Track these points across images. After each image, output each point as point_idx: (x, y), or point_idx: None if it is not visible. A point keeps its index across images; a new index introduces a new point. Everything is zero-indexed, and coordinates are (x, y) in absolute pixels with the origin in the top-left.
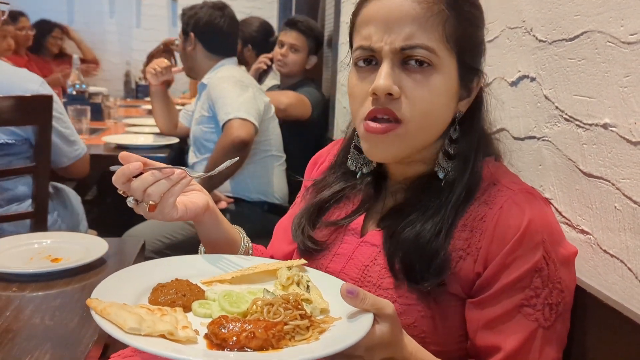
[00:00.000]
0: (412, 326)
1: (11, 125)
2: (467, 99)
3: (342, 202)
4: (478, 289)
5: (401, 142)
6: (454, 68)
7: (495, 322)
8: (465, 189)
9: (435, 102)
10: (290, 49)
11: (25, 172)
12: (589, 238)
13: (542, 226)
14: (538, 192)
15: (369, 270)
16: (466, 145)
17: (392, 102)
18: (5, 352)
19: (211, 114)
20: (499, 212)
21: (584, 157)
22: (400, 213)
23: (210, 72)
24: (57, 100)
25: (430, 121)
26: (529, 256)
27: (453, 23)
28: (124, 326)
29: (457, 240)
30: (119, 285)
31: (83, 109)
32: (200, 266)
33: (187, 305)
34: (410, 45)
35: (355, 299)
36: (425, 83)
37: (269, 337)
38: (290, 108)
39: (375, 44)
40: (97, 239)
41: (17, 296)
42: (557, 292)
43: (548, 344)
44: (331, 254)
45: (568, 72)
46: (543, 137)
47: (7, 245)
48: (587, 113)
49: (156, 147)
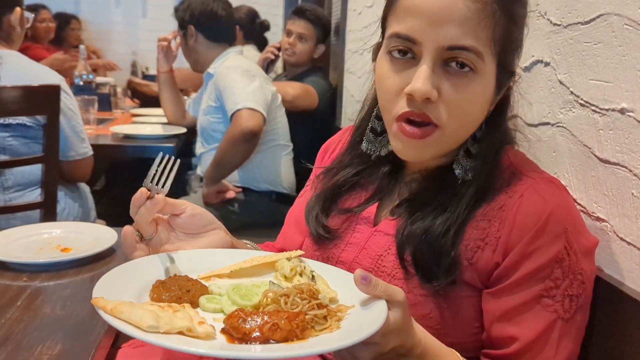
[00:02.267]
0: (427, 317)
1: (20, 115)
2: (498, 96)
3: (355, 190)
4: (496, 279)
5: (437, 146)
6: (494, 72)
7: (513, 312)
8: (480, 188)
9: (472, 108)
10: (298, 38)
11: (34, 162)
12: (605, 225)
13: (565, 216)
14: (559, 181)
15: (382, 260)
16: (489, 145)
17: (428, 106)
18: (17, 341)
19: (218, 104)
20: (520, 201)
21: (600, 143)
22: (414, 204)
23: (216, 61)
24: (72, 96)
25: (466, 126)
26: (551, 246)
27: (502, 25)
28: (141, 324)
29: (475, 231)
30: (116, 284)
31: (90, 99)
32: (195, 261)
33: (194, 300)
34: (458, 45)
35: (368, 286)
36: (465, 89)
37: (293, 327)
38: (297, 99)
39: (418, 37)
40: (106, 228)
41: (28, 286)
42: (577, 283)
43: (566, 336)
44: (343, 243)
45: (584, 56)
46: (557, 123)
47: (17, 235)
48: (603, 98)
49: (163, 137)
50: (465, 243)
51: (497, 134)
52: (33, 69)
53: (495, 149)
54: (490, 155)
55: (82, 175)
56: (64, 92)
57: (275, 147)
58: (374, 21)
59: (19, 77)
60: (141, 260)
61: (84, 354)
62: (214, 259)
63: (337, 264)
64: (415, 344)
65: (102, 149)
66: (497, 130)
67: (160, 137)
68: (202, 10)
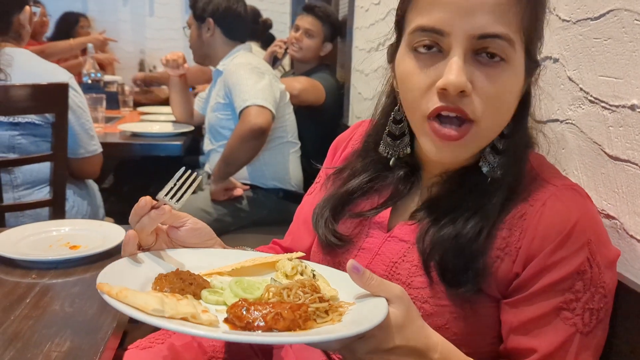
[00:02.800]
0: (444, 328)
1: (29, 113)
2: (523, 89)
3: (368, 194)
4: (515, 290)
5: (472, 144)
6: (523, 61)
7: (531, 324)
8: (510, 186)
9: (505, 99)
10: (305, 34)
11: (43, 160)
12: (615, 223)
13: (589, 226)
14: (581, 188)
15: (397, 267)
16: (516, 140)
17: (462, 100)
18: (26, 338)
19: (227, 101)
20: (542, 210)
21: (610, 140)
22: (437, 208)
23: (225, 58)
24: (82, 94)
25: (500, 119)
26: (573, 258)
27: (530, 12)
28: (145, 308)
29: (494, 239)
30: (119, 275)
31: (99, 97)
32: (198, 259)
33: (196, 293)
34: (490, 33)
35: (361, 277)
36: (497, 79)
37: (296, 317)
38: (303, 93)
39: (446, 27)
40: (115, 226)
41: (37, 283)
42: (599, 296)
43: (585, 351)
44: (355, 249)
45: (593, 52)
46: (566, 120)
47: (26, 233)
48: (613, 94)
49: (171, 135)
50: (490, 254)
51: (524, 128)
52: (42, 67)
53: (522, 146)
54: (517, 151)
55: (91, 173)
56: (72, 89)
57: (283, 144)
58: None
59: (29, 75)
60: (144, 255)
61: (92, 351)
62: (216, 258)
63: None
64: (432, 348)
65: (110, 147)
66: (522, 124)
67: (168, 135)
68: (227, 8)
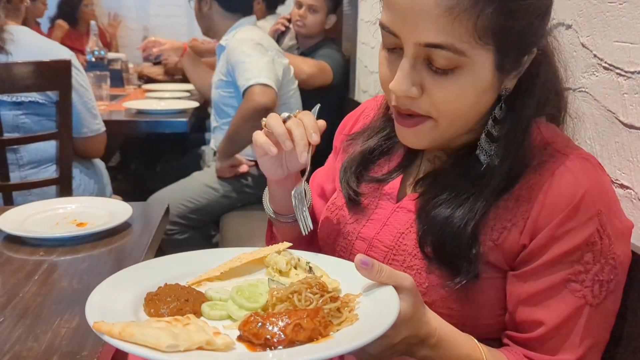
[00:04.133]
0: (448, 299)
1: (32, 91)
2: (516, 72)
3: (385, 157)
4: (522, 261)
5: (431, 134)
6: (490, 62)
7: (539, 296)
8: (507, 176)
9: (461, 101)
10: (308, 10)
11: (48, 138)
12: (629, 192)
13: (599, 197)
14: (594, 158)
15: (404, 238)
16: (512, 126)
17: (413, 103)
18: (35, 315)
19: (230, 79)
20: (551, 180)
21: (625, 108)
22: (437, 183)
23: (228, 33)
24: (83, 72)
25: (460, 117)
26: (582, 229)
27: (490, 17)
28: (159, 346)
29: (502, 210)
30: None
31: (103, 75)
32: (178, 267)
33: (196, 310)
34: (434, 43)
35: (370, 271)
36: (449, 85)
37: (317, 325)
38: (311, 79)
39: (397, 32)
40: (122, 203)
41: (45, 260)
42: (609, 268)
43: (594, 323)
44: (365, 219)
45: (608, 17)
46: (580, 88)
47: (32, 211)
48: (628, 60)
49: (176, 112)
50: (491, 223)
51: (522, 112)
52: (43, 44)
53: (522, 129)
54: (514, 137)
55: (95, 152)
56: (75, 68)
57: None
58: None
59: (30, 53)
60: (120, 274)
61: None
62: (197, 261)
63: (357, 240)
64: (430, 334)
65: (116, 125)
66: (521, 108)
67: (173, 112)
68: None
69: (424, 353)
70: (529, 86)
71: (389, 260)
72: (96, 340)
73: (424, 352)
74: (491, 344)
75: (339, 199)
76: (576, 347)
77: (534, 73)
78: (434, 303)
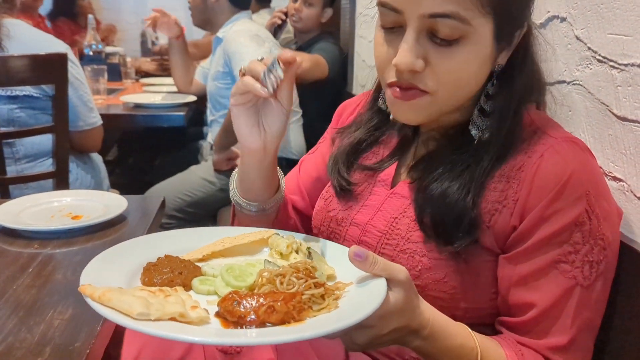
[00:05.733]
0: (442, 282)
1: (28, 84)
2: (507, 50)
3: (376, 147)
4: (513, 243)
5: (428, 109)
6: (489, 32)
7: (529, 278)
8: (500, 149)
9: (464, 72)
10: (304, 3)
11: (44, 132)
12: (622, 185)
13: (587, 177)
14: (582, 142)
15: (397, 222)
16: (504, 101)
17: (415, 77)
18: (29, 306)
19: (227, 70)
20: (539, 161)
21: (618, 100)
22: (430, 164)
23: (225, 25)
24: (79, 65)
25: (460, 89)
26: (570, 209)
27: None
28: (130, 312)
29: (492, 192)
30: (105, 268)
31: (100, 68)
32: (185, 241)
33: (187, 283)
34: (439, 13)
35: (364, 263)
36: (453, 55)
37: (290, 309)
38: (306, 73)
39: (399, 6)
40: (117, 196)
41: (39, 253)
42: (598, 248)
43: (586, 304)
44: (359, 205)
45: (602, 9)
46: (574, 81)
47: (27, 204)
48: (622, 53)
49: (174, 105)
50: (484, 205)
51: (515, 87)
52: (39, 37)
53: (514, 106)
54: (506, 112)
55: (92, 145)
56: (70, 61)
57: None
58: None
59: (26, 46)
60: (130, 242)
61: (95, 319)
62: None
63: (351, 226)
64: (423, 325)
65: (113, 119)
66: (513, 83)
67: (170, 106)
68: None
69: (416, 343)
70: (518, 63)
71: (382, 244)
72: (89, 332)
73: (416, 342)
74: (484, 330)
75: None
76: (568, 328)
77: (522, 51)
78: (426, 286)
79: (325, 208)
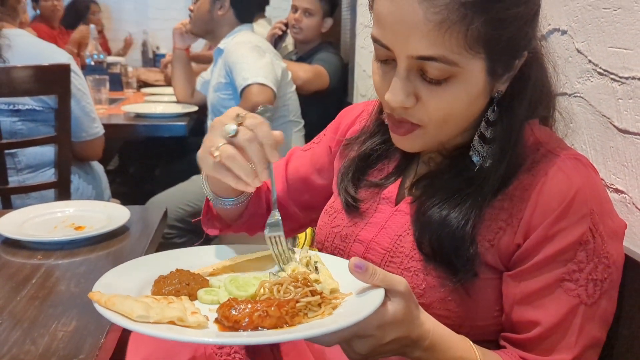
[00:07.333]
0: (446, 300)
1: (31, 95)
2: (508, 75)
3: (382, 161)
4: (517, 261)
5: (423, 139)
6: (481, 69)
7: (534, 296)
8: (500, 178)
9: (455, 108)
10: (304, 14)
11: (47, 142)
12: (624, 197)
13: (591, 196)
14: (586, 159)
15: (401, 240)
16: (505, 129)
17: (407, 112)
18: (32, 318)
19: (228, 80)
20: (544, 180)
21: (619, 113)
22: (432, 184)
23: (227, 37)
24: (82, 76)
25: (451, 123)
26: (575, 228)
27: (479, 28)
28: (131, 315)
29: (497, 210)
30: (119, 279)
31: (102, 78)
32: (202, 257)
33: (192, 293)
34: (425, 56)
35: (364, 274)
36: (443, 93)
37: (282, 314)
38: (307, 84)
39: (389, 45)
40: (119, 206)
41: (43, 264)
42: (602, 267)
43: (590, 322)
44: (363, 222)
45: (602, 22)
46: (575, 94)
47: (30, 215)
48: (623, 66)
49: (175, 115)
50: (487, 224)
51: (514, 115)
52: (41, 48)
53: (515, 134)
54: (507, 142)
55: (94, 155)
56: (73, 72)
57: (286, 123)
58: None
59: (28, 56)
60: (147, 257)
61: (98, 331)
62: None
63: (355, 243)
64: (423, 336)
65: (115, 129)
66: (514, 110)
67: (172, 116)
68: None
69: (417, 354)
70: (520, 87)
71: (386, 262)
72: (93, 343)
73: (417, 353)
74: (488, 345)
75: (337, 202)
76: (572, 346)
77: (525, 74)
78: (431, 305)
79: (330, 224)
